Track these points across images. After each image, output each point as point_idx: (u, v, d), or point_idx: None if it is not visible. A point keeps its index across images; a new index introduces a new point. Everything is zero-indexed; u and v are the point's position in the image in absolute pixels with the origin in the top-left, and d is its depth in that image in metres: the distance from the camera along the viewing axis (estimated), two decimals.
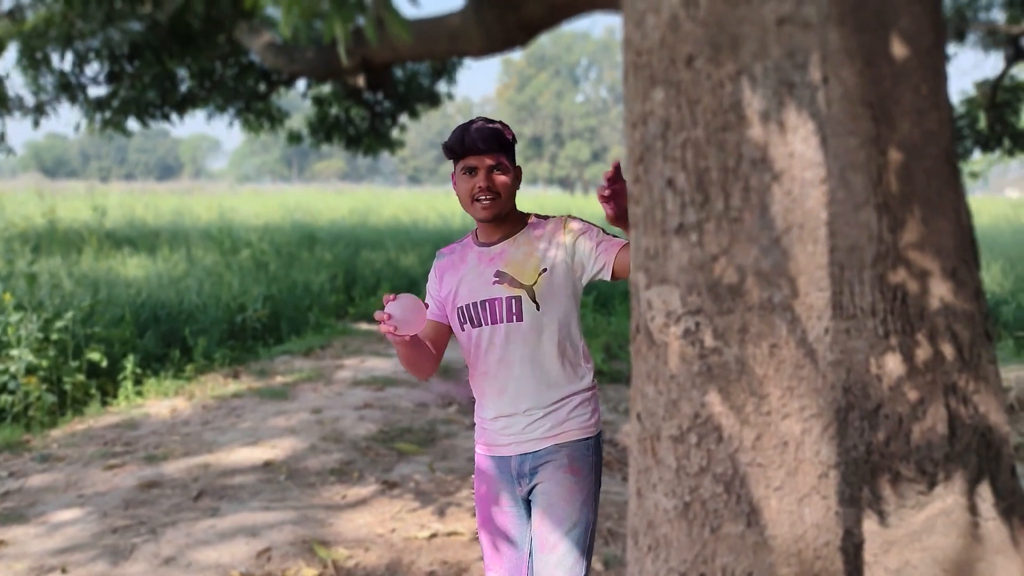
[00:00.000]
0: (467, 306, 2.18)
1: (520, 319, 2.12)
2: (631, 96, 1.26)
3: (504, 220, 2.17)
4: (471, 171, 2.12)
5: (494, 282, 2.14)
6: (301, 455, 4.64)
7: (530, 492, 2.16)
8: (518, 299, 2.11)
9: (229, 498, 4.01)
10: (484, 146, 2.09)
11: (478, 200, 2.11)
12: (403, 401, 5.85)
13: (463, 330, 2.21)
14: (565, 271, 2.10)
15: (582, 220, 2.15)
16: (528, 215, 2.23)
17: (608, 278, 2.08)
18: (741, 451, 1.22)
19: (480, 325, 2.16)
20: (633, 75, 1.25)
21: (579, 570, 2.08)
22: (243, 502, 3.96)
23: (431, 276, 2.32)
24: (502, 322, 2.13)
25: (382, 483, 4.24)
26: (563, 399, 2.14)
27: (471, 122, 2.15)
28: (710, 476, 1.24)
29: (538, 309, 2.11)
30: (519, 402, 2.15)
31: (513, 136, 2.19)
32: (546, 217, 2.21)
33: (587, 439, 2.14)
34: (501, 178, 2.12)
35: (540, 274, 2.11)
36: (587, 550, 2.11)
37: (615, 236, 2.12)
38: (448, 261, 2.27)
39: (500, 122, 2.18)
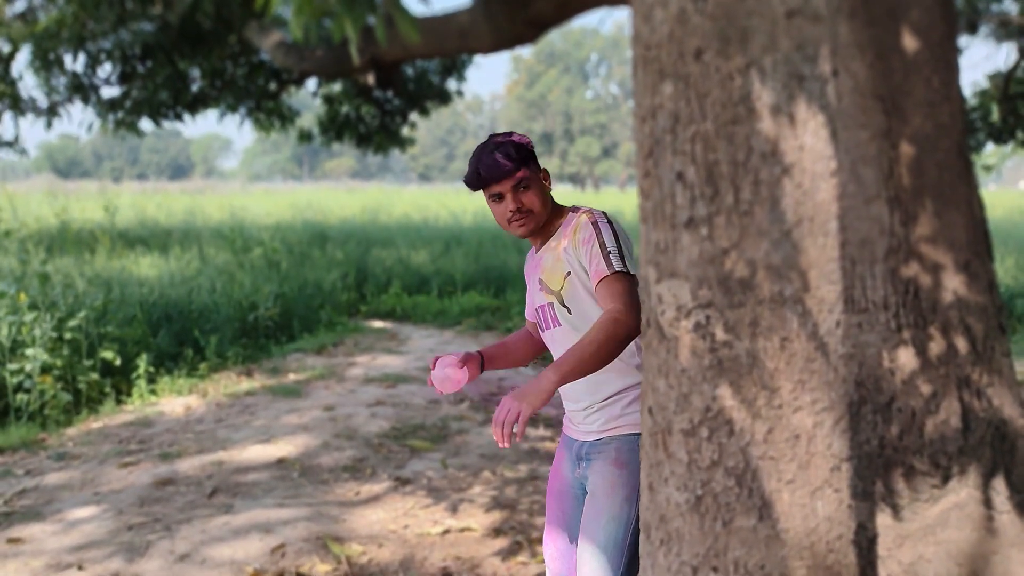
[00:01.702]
0: (535, 310, 2.25)
1: (558, 324, 2.14)
2: (640, 90, 1.26)
3: (544, 228, 2.18)
4: (498, 197, 2.11)
5: (539, 289, 2.18)
6: (314, 452, 4.66)
7: (583, 480, 2.19)
8: (552, 305, 2.14)
9: (243, 495, 4.03)
10: (501, 173, 2.07)
11: (514, 222, 2.11)
12: (415, 398, 5.87)
13: (542, 332, 2.25)
14: (582, 274, 2.08)
15: (589, 225, 2.05)
16: (565, 211, 2.19)
17: None
18: (753, 445, 1.22)
19: (543, 329, 2.22)
20: (642, 69, 1.25)
21: (615, 565, 2.02)
22: (257, 499, 3.98)
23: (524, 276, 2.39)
24: (550, 327, 2.18)
25: (395, 479, 4.26)
26: (617, 394, 2.11)
27: (483, 148, 2.12)
28: (722, 470, 1.24)
29: (570, 313, 2.11)
30: (576, 400, 2.17)
31: (530, 144, 2.16)
32: (577, 211, 2.16)
33: (639, 434, 2.06)
34: (528, 194, 2.10)
35: (565, 278, 2.10)
36: (627, 547, 2.04)
37: (609, 249, 2.01)
38: (526, 268, 2.33)
39: (510, 136, 2.14)
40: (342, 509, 3.87)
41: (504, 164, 2.07)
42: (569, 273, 2.09)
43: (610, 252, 1.99)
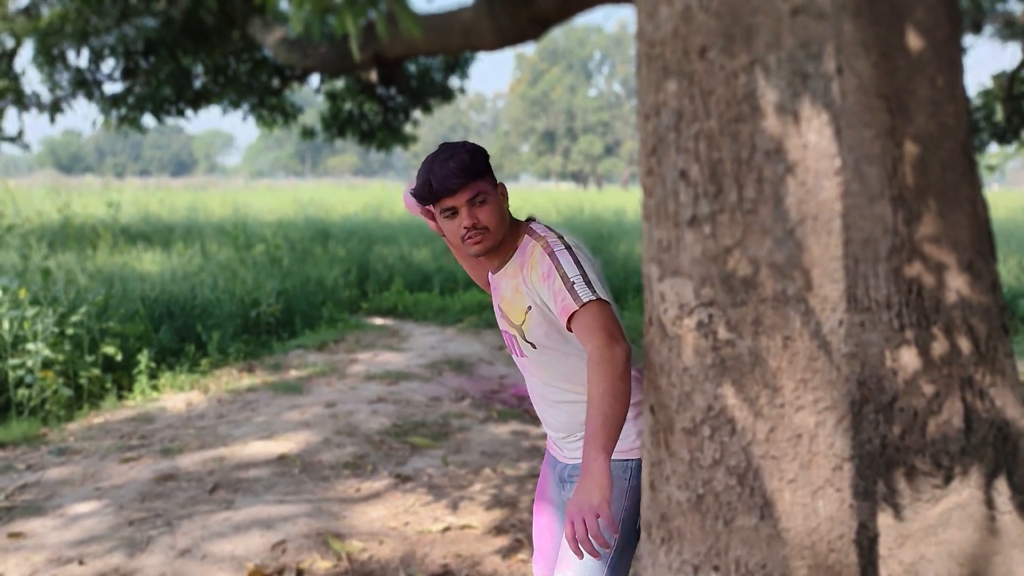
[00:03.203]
0: (500, 327, 2.11)
1: (522, 355, 2.02)
2: (644, 87, 1.26)
3: (499, 247, 1.98)
4: (451, 212, 1.92)
5: (500, 316, 2.05)
6: (315, 448, 4.66)
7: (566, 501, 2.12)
8: (515, 337, 2.00)
9: (244, 491, 4.04)
10: (455, 185, 1.88)
11: (468, 240, 1.93)
12: (416, 395, 5.87)
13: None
14: (544, 309, 1.91)
15: (546, 257, 1.87)
16: (520, 230, 2.01)
17: None
18: (755, 443, 1.22)
19: (511, 352, 2.09)
20: (646, 66, 1.25)
21: None
22: (258, 495, 3.98)
23: None
24: (516, 355, 2.06)
25: (395, 476, 4.26)
26: None
27: (434, 157, 1.93)
28: (723, 468, 1.24)
29: (534, 347, 1.97)
30: (555, 429, 2.08)
31: (485, 154, 1.96)
32: (533, 234, 1.98)
33: (626, 460, 1.97)
34: (485, 210, 1.91)
35: (526, 312, 1.94)
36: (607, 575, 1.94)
37: (572, 280, 1.82)
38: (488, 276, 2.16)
39: (464, 145, 1.95)
40: (343, 506, 3.87)
41: (458, 176, 1.88)
42: (530, 308, 1.93)
43: (574, 283, 1.80)
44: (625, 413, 1.73)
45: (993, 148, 12.47)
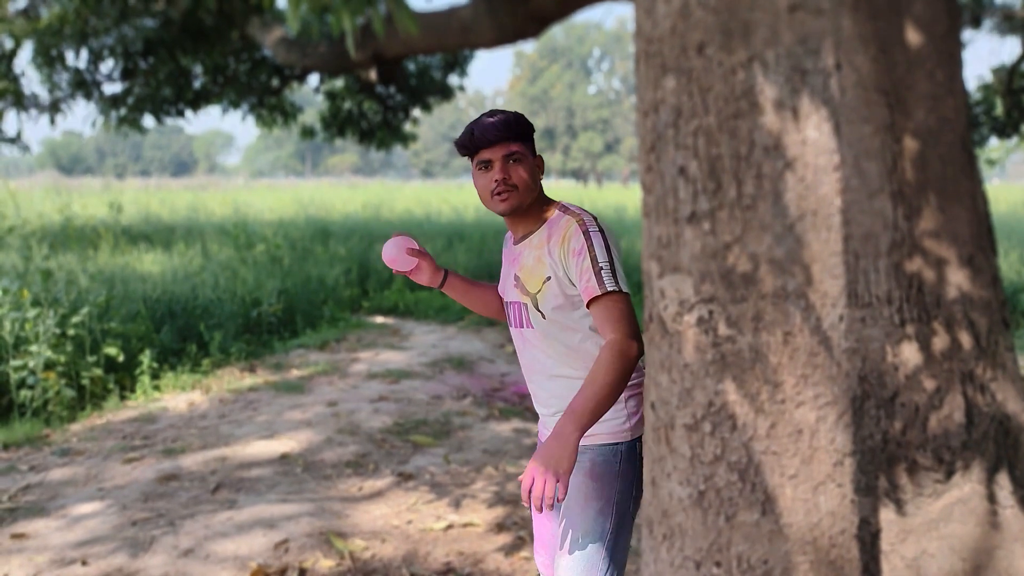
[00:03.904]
0: (505, 303, 2.15)
1: (530, 325, 2.04)
2: (643, 84, 1.26)
3: (526, 215, 2.04)
4: (486, 165, 2.00)
5: (514, 286, 2.07)
6: (317, 448, 4.67)
7: None
8: (526, 306, 2.03)
9: (246, 490, 4.04)
10: (495, 136, 1.96)
11: (496, 194, 1.99)
12: (418, 393, 5.87)
13: (509, 327, 2.17)
14: (565, 282, 1.97)
15: (581, 235, 1.93)
16: (552, 206, 2.06)
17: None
18: (755, 439, 1.22)
19: (511, 326, 2.13)
20: (644, 63, 1.25)
21: None
22: (260, 494, 3.98)
23: None
24: (519, 326, 2.08)
25: (398, 475, 4.26)
26: None
27: (481, 115, 2.03)
28: (724, 464, 1.24)
29: (544, 318, 2.00)
30: (546, 405, 2.09)
31: (529, 124, 2.05)
32: (566, 210, 2.03)
33: (615, 444, 1.99)
34: (518, 169, 1.98)
35: (544, 282, 1.98)
36: (604, 561, 1.95)
37: (601, 265, 1.89)
38: (504, 250, 2.22)
39: (512, 112, 2.05)
40: (345, 504, 3.87)
41: (501, 127, 1.97)
42: (549, 278, 1.97)
43: (602, 268, 1.87)
44: (610, 407, 1.85)
45: (993, 142, 12.47)
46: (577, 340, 2.01)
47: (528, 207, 2.03)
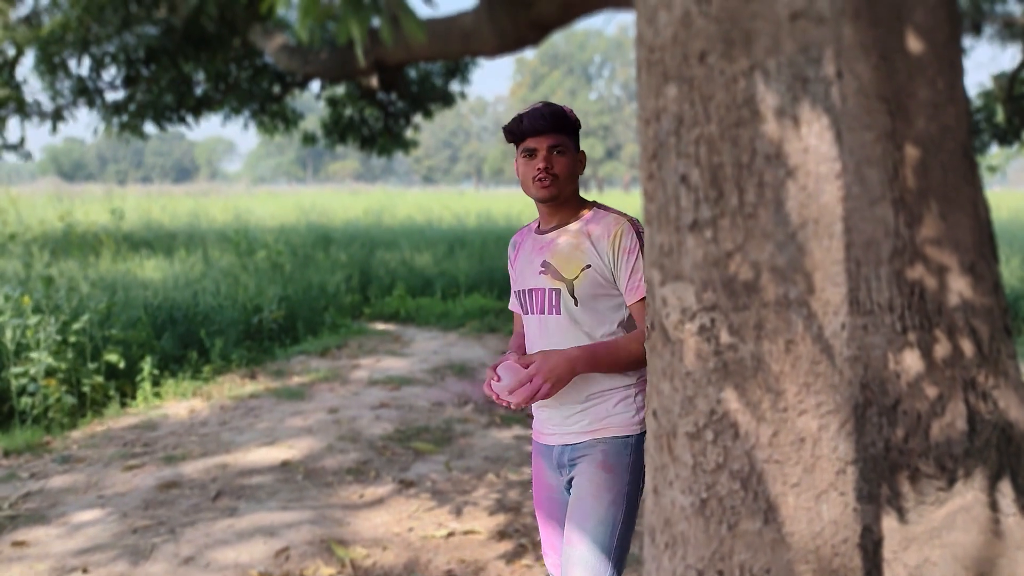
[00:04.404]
0: (519, 292, 2.20)
1: (557, 312, 2.09)
2: (644, 93, 1.26)
3: (563, 206, 2.14)
4: (531, 153, 2.09)
5: (539, 272, 2.12)
6: (318, 455, 4.66)
7: (569, 483, 2.15)
8: (557, 292, 2.08)
9: (247, 498, 4.03)
10: (543, 126, 2.06)
11: (538, 180, 2.08)
12: (419, 400, 5.86)
13: (523, 315, 2.22)
14: (605, 274, 2.05)
15: (634, 236, 2.04)
16: (590, 205, 2.16)
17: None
18: (758, 448, 1.22)
19: (528, 313, 2.17)
20: (646, 72, 1.25)
21: (602, 570, 1.99)
22: (261, 502, 3.98)
23: (509, 267, 2.32)
24: (542, 313, 2.12)
25: (399, 482, 4.25)
26: (601, 393, 2.07)
27: (531, 106, 2.12)
28: (727, 473, 1.24)
29: (576, 304, 2.06)
30: (558, 402, 2.11)
31: (576, 119, 2.14)
32: (608, 211, 2.14)
33: (626, 437, 2.06)
34: (561, 160, 2.08)
35: (583, 270, 2.05)
36: (614, 551, 2.02)
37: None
38: (517, 250, 2.27)
39: (564, 106, 2.14)
40: (346, 512, 3.87)
41: (549, 118, 2.06)
42: (588, 266, 2.05)
43: None
44: (614, 372, 2.03)
45: (994, 149, 12.47)
46: (602, 332, 2.08)
47: (565, 199, 2.12)
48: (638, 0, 1.25)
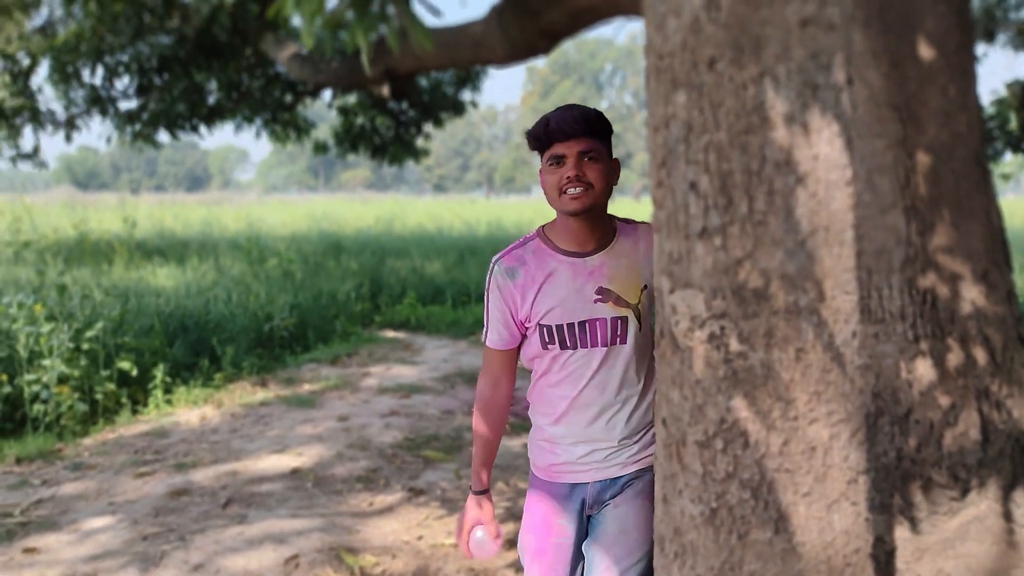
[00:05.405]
0: (560, 327, 1.88)
1: (624, 341, 1.88)
2: (653, 99, 1.25)
3: (599, 221, 1.89)
4: (558, 160, 1.82)
5: (596, 300, 1.86)
6: (328, 462, 4.66)
7: (588, 521, 1.98)
8: (624, 320, 1.87)
9: (257, 505, 4.04)
10: (572, 130, 1.80)
11: (567, 191, 1.81)
12: (429, 408, 5.86)
13: (546, 349, 1.91)
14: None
15: None
16: (615, 221, 1.96)
17: None
18: (768, 457, 1.21)
19: (574, 348, 1.89)
20: (655, 78, 1.25)
21: None
22: (271, 509, 3.98)
23: (497, 298, 1.95)
24: (604, 345, 1.88)
25: (409, 490, 4.25)
26: (650, 424, 1.95)
27: (558, 108, 1.87)
28: (737, 482, 1.23)
29: (640, 329, 1.88)
30: (613, 431, 1.92)
31: (608, 122, 1.89)
32: (628, 222, 1.96)
33: None
34: (594, 167, 1.82)
35: (642, 291, 1.88)
36: None
37: None
38: (525, 277, 1.91)
39: (595, 108, 1.89)
40: (356, 520, 3.86)
41: (580, 121, 1.80)
42: (646, 287, 1.88)
43: None
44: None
45: (1007, 157, 12.39)
46: (650, 357, 1.93)
47: (599, 212, 1.88)
48: (647, 6, 1.25)
